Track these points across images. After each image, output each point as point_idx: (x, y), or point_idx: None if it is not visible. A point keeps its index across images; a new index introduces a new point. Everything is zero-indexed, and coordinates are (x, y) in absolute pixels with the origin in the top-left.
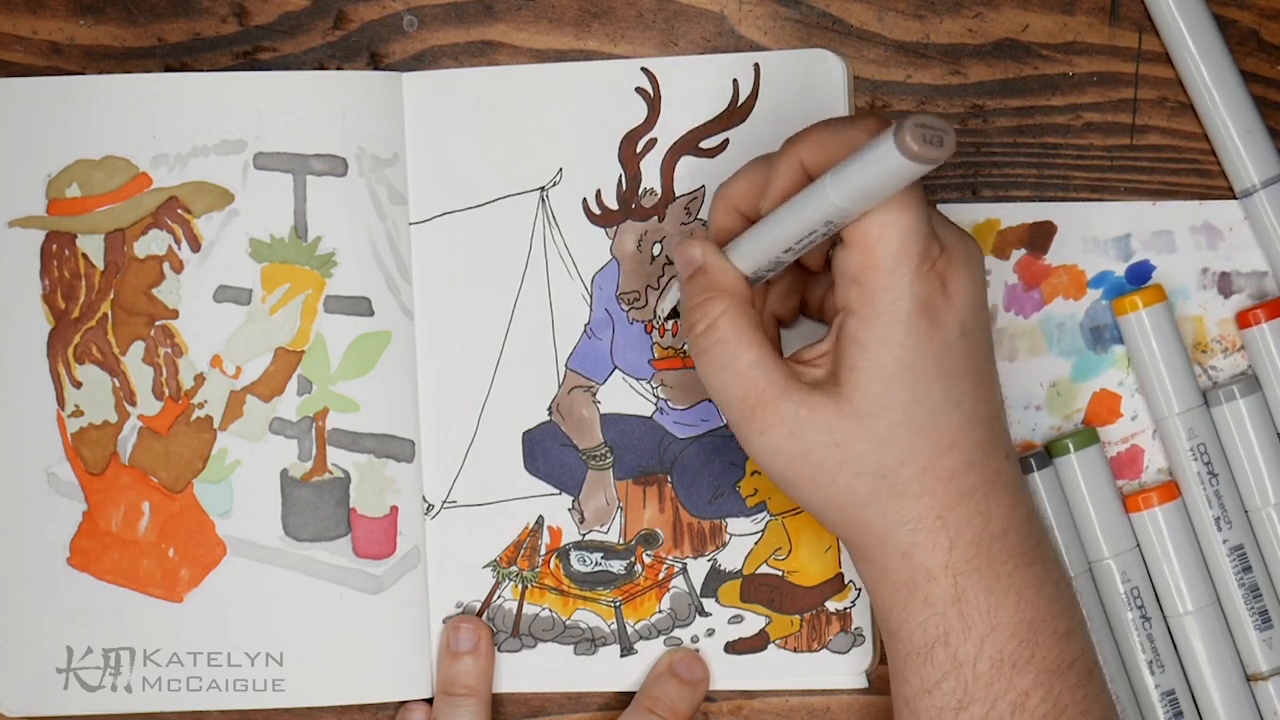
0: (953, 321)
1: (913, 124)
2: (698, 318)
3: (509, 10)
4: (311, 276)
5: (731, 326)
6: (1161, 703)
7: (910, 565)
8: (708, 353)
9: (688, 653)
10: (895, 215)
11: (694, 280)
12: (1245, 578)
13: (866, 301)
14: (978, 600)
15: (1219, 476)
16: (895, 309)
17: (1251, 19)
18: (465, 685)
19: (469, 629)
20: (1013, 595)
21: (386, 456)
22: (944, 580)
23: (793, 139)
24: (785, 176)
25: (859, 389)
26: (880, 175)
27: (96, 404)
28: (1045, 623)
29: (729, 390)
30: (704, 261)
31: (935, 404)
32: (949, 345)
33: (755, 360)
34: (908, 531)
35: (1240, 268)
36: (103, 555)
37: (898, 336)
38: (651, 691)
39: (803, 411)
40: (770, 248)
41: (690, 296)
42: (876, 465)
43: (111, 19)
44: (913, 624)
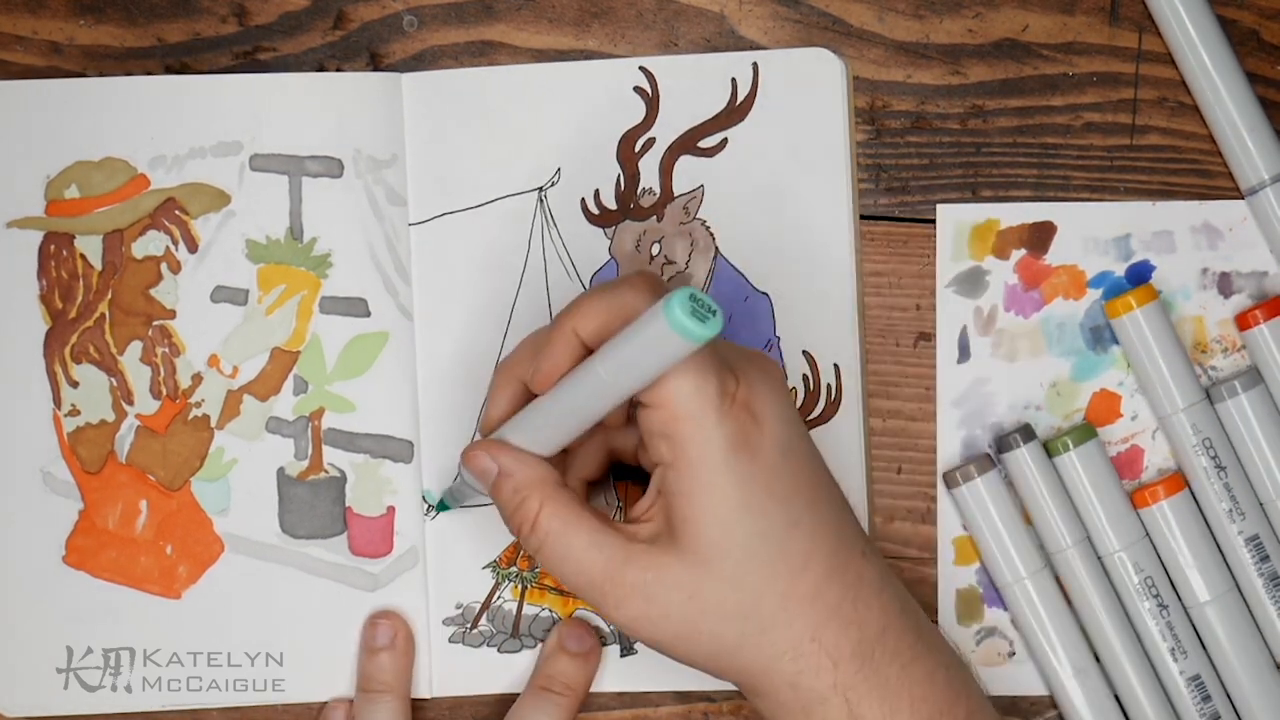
0: (770, 446)
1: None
2: (520, 519)
3: (509, 10)
4: (307, 277)
5: (554, 518)
6: (1189, 689)
7: (800, 693)
8: (542, 549)
9: (576, 624)
10: (683, 366)
11: (499, 486)
12: (1264, 566)
13: (679, 453)
14: (873, 713)
15: (1227, 470)
16: (709, 453)
17: (1251, 19)
18: (382, 681)
19: (386, 625)
20: (905, 697)
21: (383, 456)
22: (835, 700)
23: (564, 311)
24: (560, 350)
25: (697, 538)
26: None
27: (94, 403)
28: (944, 714)
29: (574, 578)
30: (500, 465)
31: (776, 531)
32: (774, 470)
33: (588, 543)
34: (789, 661)
35: (1240, 268)
36: (99, 553)
37: (719, 480)
38: (545, 670)
39: (650, 575)
40: (557, 428)
41: (504, 503)
42: (735, 607)
43: (111, 19)
44: None
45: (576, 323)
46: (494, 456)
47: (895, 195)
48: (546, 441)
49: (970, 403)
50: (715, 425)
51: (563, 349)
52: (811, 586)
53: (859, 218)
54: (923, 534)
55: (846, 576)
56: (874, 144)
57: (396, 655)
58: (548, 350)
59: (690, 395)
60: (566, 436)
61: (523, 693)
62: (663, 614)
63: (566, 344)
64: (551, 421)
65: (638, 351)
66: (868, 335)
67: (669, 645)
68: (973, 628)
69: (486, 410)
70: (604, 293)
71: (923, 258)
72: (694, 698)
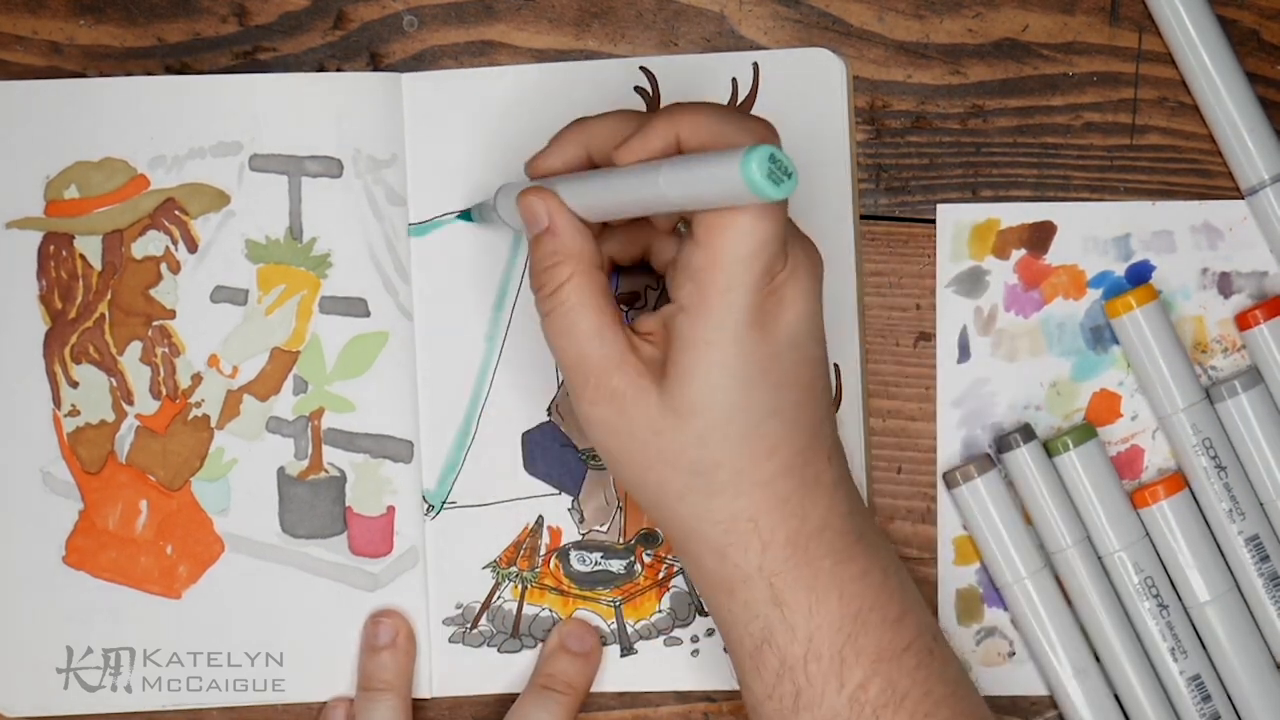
0: (782, 334)
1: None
2: (545, 280)
3: (509, 10)
4: (307, 277)
5: (576, 292)
6: (1188, 688)
7: (725, 565)
8: (551, 315)
9: (577, 624)
10: (752, 226)
11: (542, 241)
12: (1264, 567)
13: (701, 303)
14: (797, 599)
15: (1228, 470)
16: (727, 317)
17: (1251, 19)
18: (383, 680)
19: (388, 624)
20: (834, 590)
21: (383, 456)
22: (759, 582)
23: (677, 109)
24: (655, 140)
25: (681, 387)
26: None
27: (93, 403)
28: (873, 611)
29: (567, 355)
30: (552, 222)
31: (757, 411)
32: (776, 356)
33: (595, 330)
34: (720, 532)
35: (1240, 268)
36: (99, 553)
37: (725, 343)
38: (545, 669)
39: (630, 391)
40: (607, 206)
41: (539, 258)
42: (693, 462)
43: (111, 19)
44: (739, 627)
45: (683, 126)
46: (550, 210)
47: (895, 195)
48: (594, 212)
49: (970, 403)
50: (745, 295)
51: (658, 141)
52: (768, 474)
53: (859, 218)
54: (923, 534)
55: (805, 474)
56: (874, 144)
57: (398, 654)
58: (646, 132)
59: (741, 259)
60: (613, 216)
61: (524, 691)
62: (627, 431)
63: (663, 137)
64: (605, 198)
65: (706, 182)
66: (868, 335)
67: (617, 460)
68: (973, 628)
69: (543, 155)
70: (722, 113)
71: (923, 258)
72: (694, 698)
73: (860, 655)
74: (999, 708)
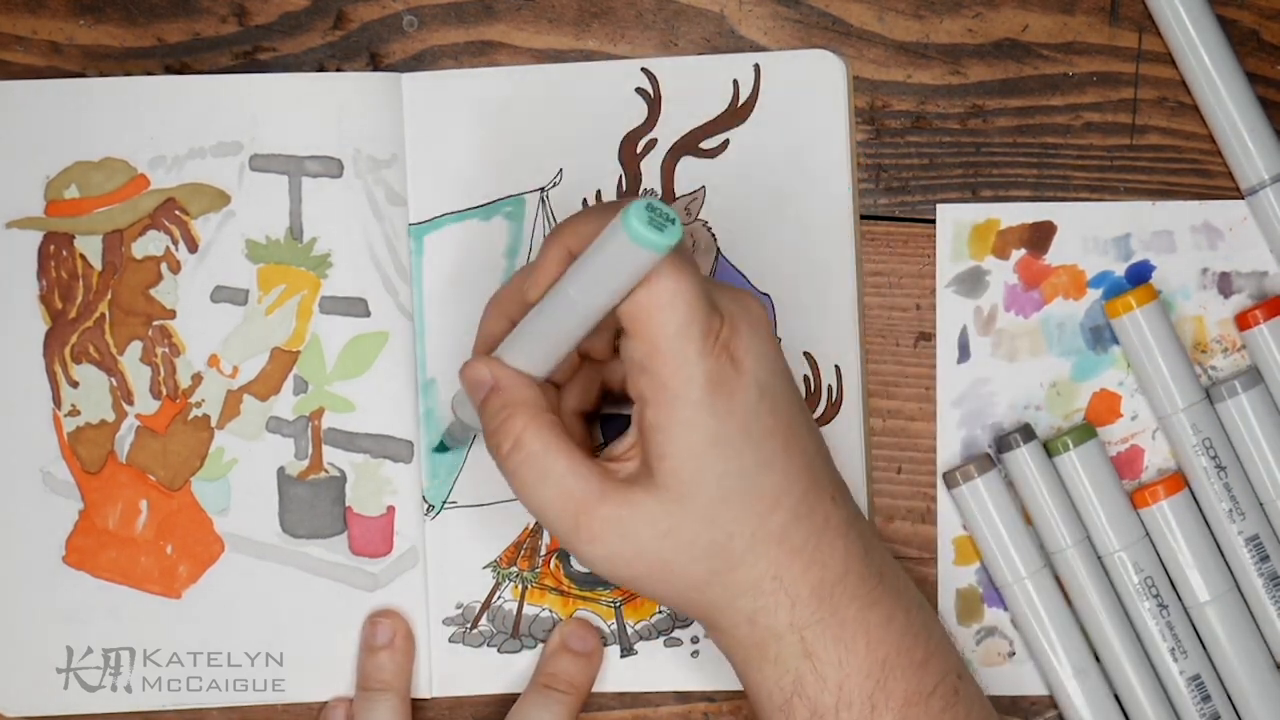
0: (748, 387)
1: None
2: (501, 438)
3: (509, 10)
4: (307, 277)
5: (537, 438)
6: (1188, 688)
7: (757, 629)
8: (520, 469)
9: (579, 624)
10: (670, 295)
11: (489, 401)
12: (1264, 567)
13: (659, 388)
14: (827, 651)
15: (1228, 470)
16: (689, 391)
17: (1251, 19)
18: (381, 680)
19: (386, 624)
20: (861, 638)
21: (383, 457)
22: (790, 638)
23: (557, 230)
24: (551, 264)
25: (672, 474)
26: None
27: (93, 403)
28: (900, 655)
29: (548, 505)
30: (495, 379)
31: (749, 471)
32: (751, 411)
33: (567, 469)
34: (749, 599)
35: (1240, 268)
36: (99, 553)
37: (698, 417)
38: (547, 669)
39: (624, 511)
40: (543, 346)
41: (489, 418)
42: (707, 544)
43: (111, 19)
44: (769, 683)
45: (566, 236)
46: (490, 368)
47: (895, 195)
48: (535, 361)
49: (970, 403)
50: (695, 363)
51: (553, 262)
52: (779, 527)
53: (859, 218)
54: (923, 534)
55: (814, 519)
56: (874, 144)
57: (396, 654)
58: (539, 264)
59: (674, 332)
60: (553, 356)
61: (525, 690)
62: (636, 552)
63: (557, 258)
64: (537, 339)
65: (602, 264)
66: (868, 335)
67: (636, 583)
68: (973, 628)
69: (479, 333)
70: (595, 209)
71: (923, 258)
72: (694, 698)
73: (890, 700)
74: (999, 708)
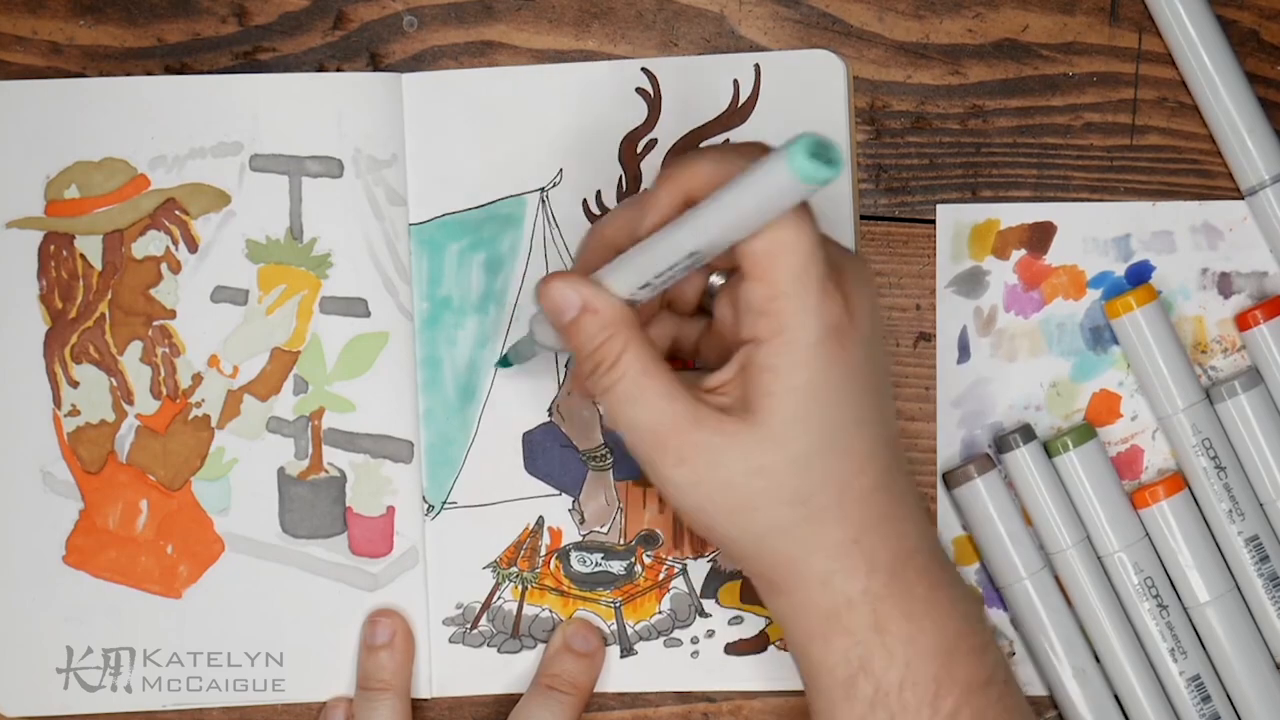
0: (858, 341)
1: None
2: (600, 357)
3: (509, 10)
4: (307, 277)
5: (637, 360)
6: (1188, 689)
7: (829, 593)
8: (615, 389)
9: (580, 624)
10: (794, 240)
11: (584, 322)
12: (1263, 567)
13: (775, 329)
14: (897, 627)
15: (1227, 470)
16: (806, 333)
17: (1251, 19)
18: (381, 680)
19: (386, 623)
20: (929, 617)
21: (383, 457)
22: (863, 607)
23: (676, 167)
24: (666, 202)
25: (775, 413)
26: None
27: (94, 403)
28: (963, 640)
29: (641, 424)
30: (587, 301)
31: (847, 424)
32: (856, 365)
33: (665, 391)
34: (825, 558)
35: (1240, 268)
36: (99, 553)
37: (810, 358)
38: (550, 669)
39: (719, 439)
40: (644, 273)
41: (588, 339)
42: (795, 491)
43: (111, 19)
44: (835, 655)
45: (688, 178)
46: (578, 290)
47: (895, 195)
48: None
49: (970, 403)
50: (815, 308)
51: (669, 201)
52: (864, 490)
53: (859, 218)
54: None
55: (894, 490)
56: (874, 144)
57: (396, 653)
58: (654, 201)
59: (797, 275)
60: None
61: (527, 691)
62: (723, 483)
63: (673, 197)
64: (643, 269)
65: (752, 195)
66: None
67: (713, 516)
68: None
69: (578, 262)
70: (719, 152)
71: (923, 258)
72: (694, 698)
73: (953, 684)
74: None
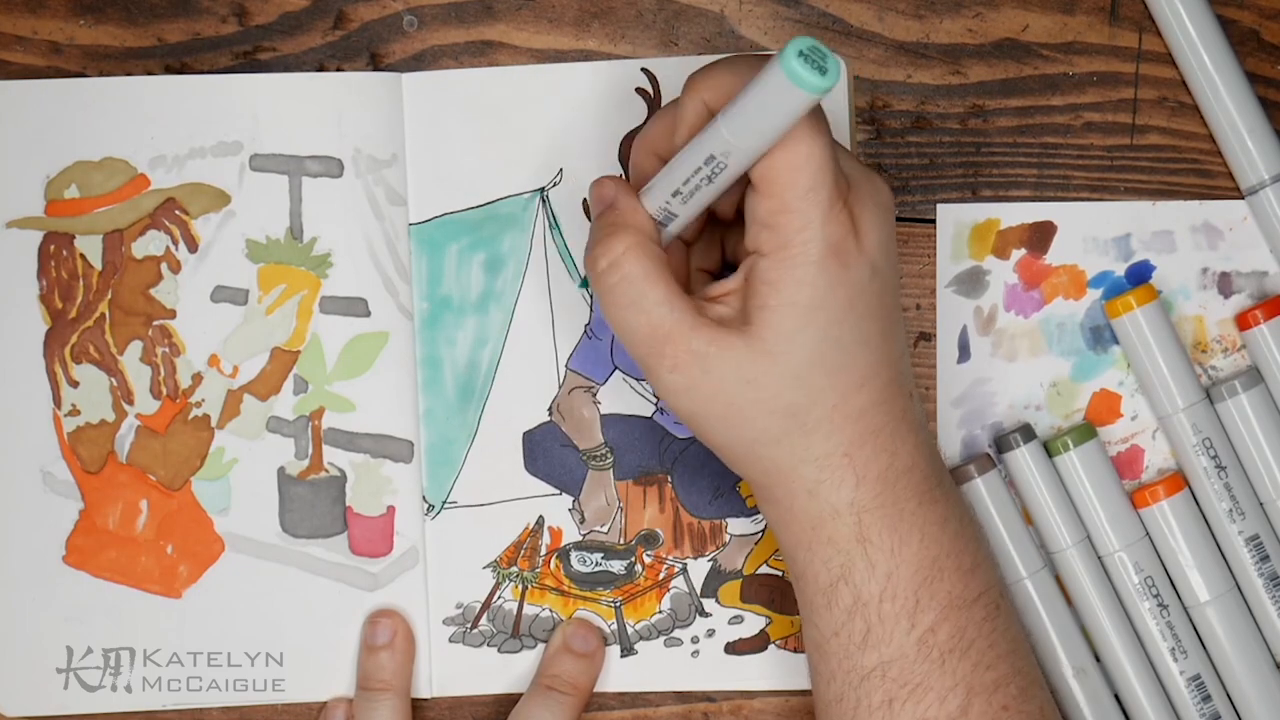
0: (863, 262)
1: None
2: (600, 253)
3: (509, 10)
4: (307, 277)
5: (636, 262)
6: (1189, 689)
7: (816, 502)
8: (613, 290)
9: (580, 624)
10: (804, 157)
11: (600, 217)
12: (1264, 567)
13: (778, 243)
14: (881, 538)
15: (1228, 470)
16: (808, 250)
17: (1251, 19)
18: (381, 680)
19: (386, 623)
20: (916, 532)
21: (383, 456)
22: (848, 517)
23: (694, 78)
24: (691, 116)
25: (771, 327)
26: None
27: (94, 403)
28: (949, 558)
29: (636, 328)
30: (613, 198)
31: (846, 343)
32: (860, 286)
33: (662, 297)
34: (814, 469)
35: (1240, 268)
36: (99, 553)
37: (810, 276)
38: (549, 670)
39: (713, 349)
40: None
41: (595, 231)
42: (788, 404)
43: (111, 19)
44: (817, 563)
45: (704, 92)
46: (616, 188)
47: (895, 195)
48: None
49: (970, 403)
50: (819, 225)
51: (692, 113)
52: (861, 406)
53: None
54: None
55: (893, 409)
56: (874, 144)
57: (396, 653)
58: (681, 114)
59: (804, 190)
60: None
61: (527, 691)
62: (714, 390)
63: (695, 109)
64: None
65: (756, 108)
66: None
67: (705, 421)
68: None
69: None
70: (733, 62)
71: (923, 258)
72: (694, 698)
73: (934, 599)
74: None
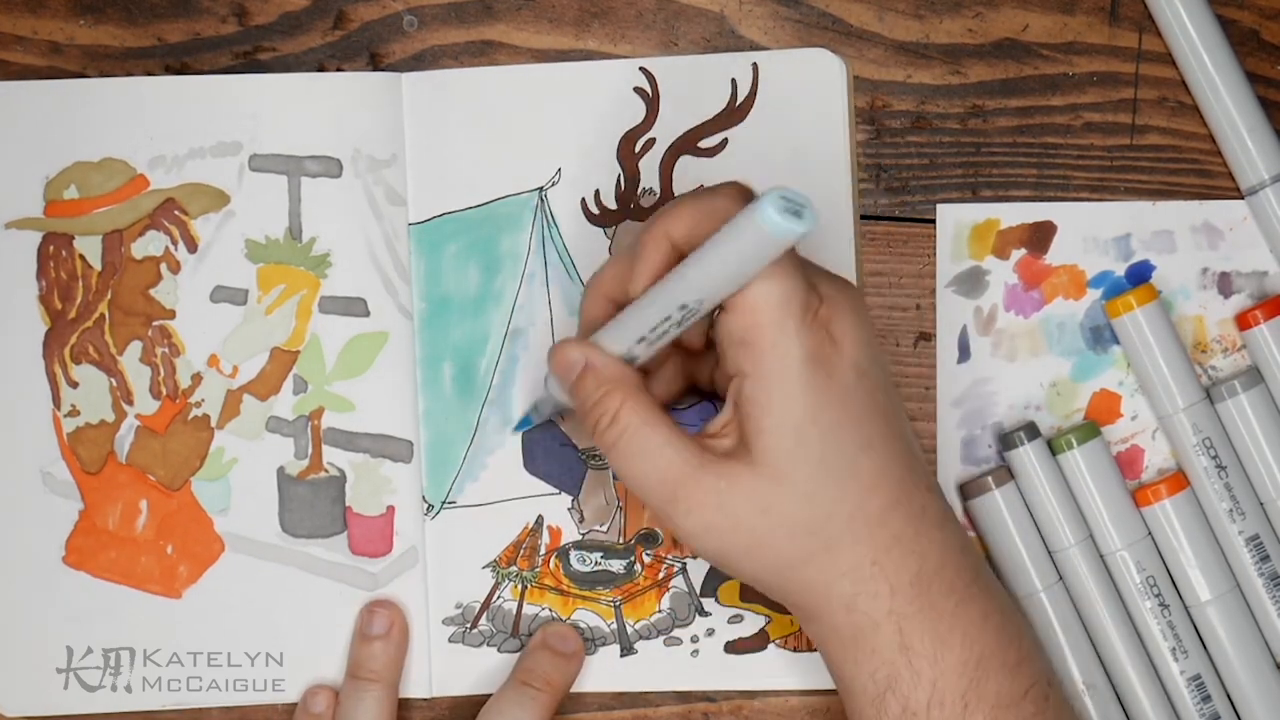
0: (846, 367)
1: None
2: (599, 414)
3: (509, 10)
4: (306, 277)
5: (634, 414)
6: (1189, 688)
7: (855, 616)
8: (617, 446)
9: (561, 625)
10: (770, 273)
11: (584, 381)
12: (1264, 566)
13: (758, 362)
14: (924, 645)
15: (1228, 469)
16: (787, 364)
17: (1251, 19)
18: (373, 670)
19: (384, 614)
20: (957, 634)
21: (383, 456)
22: (888, 627)
23: (659, 218)
24: (653, 255)
25: (771, 449)
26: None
27: (93, 404)
28: (994, 656)
29: (646, 477)
30: (587, 360)
31: (848, 450)
32: (848, 390)
33: (665, 441)
34: (848, 583)
35: (1240, 268)
36: (99, 553)
37: (796, 390)
38: (526, 664)
39: (723, 484)
40: (639, 331)
41: (586, 397)
42: (805, 522)
43: (111, 19)
44: (863, 675)
45: (669, 226)
46: (583, 350)
47: (895, 195)
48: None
49: (970, 403)
50: (795, 336)
51: (655, 253)
52: (878, 510)
53: (859, 218)
54: None
55: (911, 506)
56: (874, 144)
57: (390, 645)
58: (641, 255)
59: (774, 304)
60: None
61: (502, 685)
62: (733, 525)
63: (659, 249)
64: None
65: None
66: None
67: (731, 557)
68: None
69: (581, 317)
70: (695, 197)
71: (923, 258)
72: (694, 698)
73: (981, 700)
74: None
